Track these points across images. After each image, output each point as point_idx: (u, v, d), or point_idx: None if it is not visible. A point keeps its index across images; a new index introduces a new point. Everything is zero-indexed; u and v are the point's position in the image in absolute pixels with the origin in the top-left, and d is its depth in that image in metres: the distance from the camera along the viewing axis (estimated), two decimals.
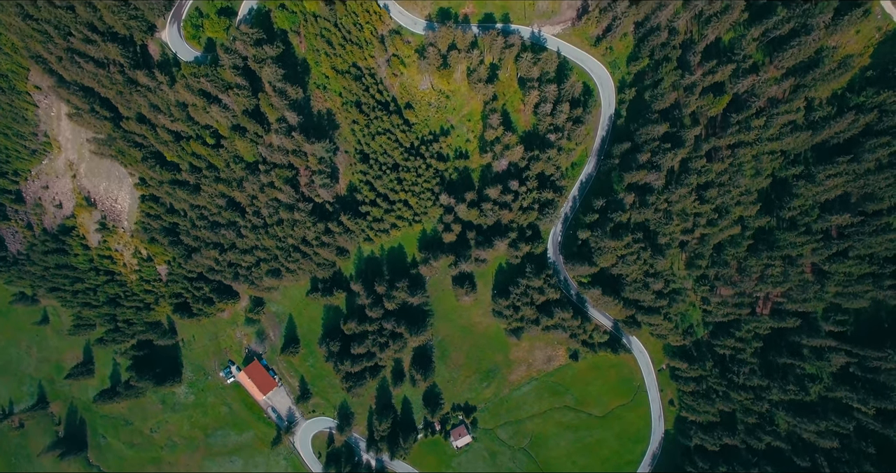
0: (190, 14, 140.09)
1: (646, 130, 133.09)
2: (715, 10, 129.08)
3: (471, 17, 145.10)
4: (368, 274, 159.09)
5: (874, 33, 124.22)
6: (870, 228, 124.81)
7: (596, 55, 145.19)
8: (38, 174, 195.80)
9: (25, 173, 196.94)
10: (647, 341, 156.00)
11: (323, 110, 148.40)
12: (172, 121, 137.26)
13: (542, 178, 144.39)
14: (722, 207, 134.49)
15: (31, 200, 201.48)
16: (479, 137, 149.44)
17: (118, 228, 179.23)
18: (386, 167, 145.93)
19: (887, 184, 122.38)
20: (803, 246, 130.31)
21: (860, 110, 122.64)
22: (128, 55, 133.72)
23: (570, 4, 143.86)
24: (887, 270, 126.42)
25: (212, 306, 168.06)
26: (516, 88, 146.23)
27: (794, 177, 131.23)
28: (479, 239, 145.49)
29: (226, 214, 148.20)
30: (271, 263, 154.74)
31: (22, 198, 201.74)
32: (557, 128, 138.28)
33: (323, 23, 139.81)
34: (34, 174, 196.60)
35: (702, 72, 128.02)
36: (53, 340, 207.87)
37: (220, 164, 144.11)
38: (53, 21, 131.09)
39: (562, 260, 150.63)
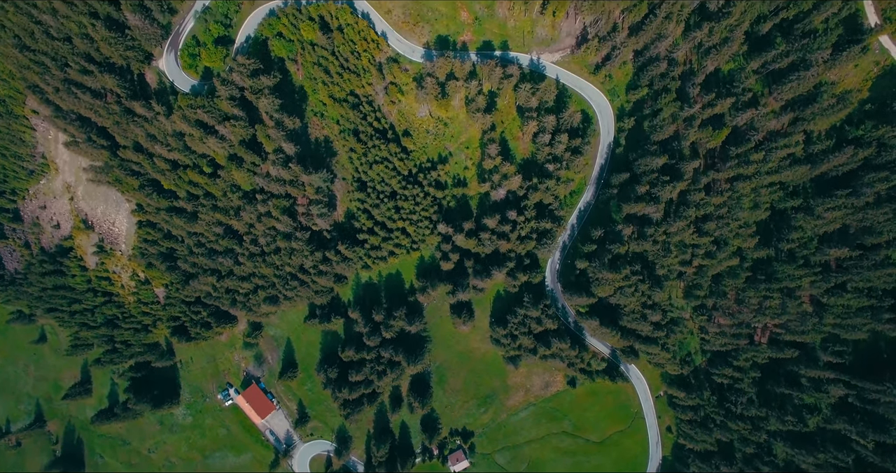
0: (187, 43, 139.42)
1: (644, 161, 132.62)
2: (714, 41, 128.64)
3: (469, 44, 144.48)
4: (366, 301, 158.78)
5: (872, 67, 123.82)
6: (868, 262, 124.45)
7: (595, 83, 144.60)
8: (36, 193, 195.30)
9: (23, 192, 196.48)
10: (645, 368, 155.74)
11: (320, 137, 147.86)
12: (169, 151, 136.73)
13: (541, 207, 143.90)
14: (720, 239, 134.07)
15: (28, 219, 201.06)
16: (477, 165, 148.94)
17: (116, 251, 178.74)
18: (384, 195, 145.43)
19: (886, 219, 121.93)
20: (802, 279, 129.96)
21: (859, 144, 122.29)
22: (125, 85, 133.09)
23: (569, 32, 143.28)
24: (886, 303, 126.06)
25: (209, 330, 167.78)
26: (515, 116, 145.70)
27: (792, 210, 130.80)
28: (477, 267, 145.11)
29: (223, 242, 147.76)
30: (269, 290, 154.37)
31: (20, 216, 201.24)
32: (556, 158, 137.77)
33: (320, 51, 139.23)
34: (32, 193, 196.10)
35: (701, 104, 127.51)
36: (51, 359, 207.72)
37: (218, 193, 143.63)
38: (50, 53, 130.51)
39: (560, 288, 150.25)
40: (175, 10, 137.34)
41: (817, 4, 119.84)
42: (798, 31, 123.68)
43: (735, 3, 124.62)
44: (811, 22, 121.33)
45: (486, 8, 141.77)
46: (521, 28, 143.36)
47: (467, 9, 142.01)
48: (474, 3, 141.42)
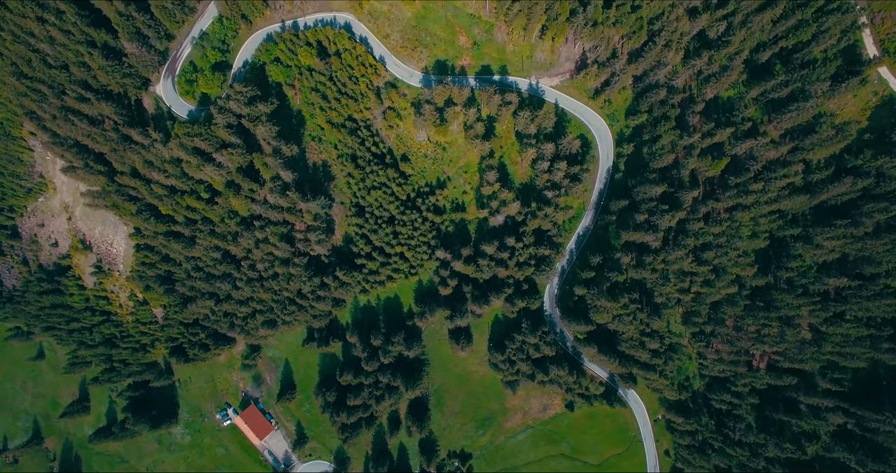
0: (184, 68, 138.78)
1: (643, 189, 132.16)
2: (714, 70, 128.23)
3: (468, 68, 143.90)
4: (364, 324, 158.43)
5: (871, 97, 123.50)
6: (868, 292, 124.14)
7: (594, 107, 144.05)
8: (34, 211, 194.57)
9: (21, 209, 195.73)
10: (643, 392, 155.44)
11: (318, 162, 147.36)
12: (166, 177, 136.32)
13: (539, 233, 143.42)
14: (719, 267, 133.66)
15: (26, 236, 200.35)
16: (475, 189, 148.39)
17: (114, 271, 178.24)
18: (382, 220, 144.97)
19: (885, 249, 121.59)
20: (800, 308, 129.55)
21: (858, 174, 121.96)
22: (122, 112, 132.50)
23: (568, 57, 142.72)
24: (885, 333, 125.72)
25: (207, 352, 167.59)
26: (513, 140, 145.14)
27: (792, 238, 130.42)
28: (476, 293, 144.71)
29: (221, 267, 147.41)
30: (267, 314, 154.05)
31: (18, 233, 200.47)
32: (555, 185, 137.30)
33: (318, 76, 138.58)
34: (30, 210, 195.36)
35: (700, 134, 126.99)
36: (49, 375, 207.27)
37: (215, 218, 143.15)
38: (47, 81, 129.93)
39: (558, 313, 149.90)
40: (172, 36, 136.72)
41: (816, 35, 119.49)
42: (797, 61, 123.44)
43: (734, 32, 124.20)
44: (810, 52, 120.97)
45: (484, 32, 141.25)
46: (520, 52, 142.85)
47: (466, 33, 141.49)
48: (473, 27, 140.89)
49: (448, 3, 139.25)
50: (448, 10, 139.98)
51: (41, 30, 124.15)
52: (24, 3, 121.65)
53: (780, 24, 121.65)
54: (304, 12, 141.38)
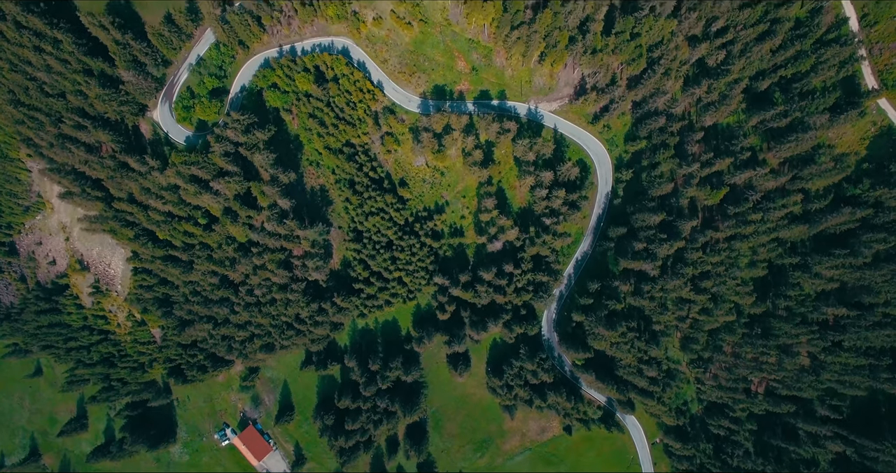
0: (181, 94, 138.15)
1: (642, 217, 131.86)
2: (713, 98, 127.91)
3: (466, 94, 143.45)
4: (363, 347, 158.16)
5: (870, 127, 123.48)
6: (866, 322, 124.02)
7: (593, 132, 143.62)
8: (32, 228, 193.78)
9: (19, 226, 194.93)
10: (641, 415, 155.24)
11: (316, 187, 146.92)
12: (164, 204, 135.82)
13: (538, 259, 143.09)
14: (718, 296, 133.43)
15: (24, 253, 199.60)
16: (473, 213, 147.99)
17: (112, 292, 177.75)
18: (380, 246, 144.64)
19: (884, 280, 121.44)
20: (799, 337, 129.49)
21: (856, 204, 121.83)
22: (119, 139, 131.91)
23: (567, 82, 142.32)
24: (884, 362, 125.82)
25: (205, 373, 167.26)
26: (512, 165, 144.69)
27: (790, 266, 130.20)
28: (474, 318, 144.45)
29: (218, 292, 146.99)
30: (265, 338, 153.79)
31: (15, 250, 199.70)
32: (553, 212, 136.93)
33: (315, 102, 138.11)
34: (28, 228, 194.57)
35: (699, 163, 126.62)
36: (47, 392, 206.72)
37: (213, 244, 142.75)
38: (44, 109, 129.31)
39: (556, 337, 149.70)
40: (169, 62, 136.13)
41: (815, 66, 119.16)
42: (796, 90, 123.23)
43: (734, 62, 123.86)
44: (809, 82, 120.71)
45: (483, 57, 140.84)
46: (518, 77, 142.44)
47: (464, 58, 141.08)
48: (471, 52, 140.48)
49: (446, 28, 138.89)
50: (446, 35, 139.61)
51: (38, 59, 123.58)
52: (22, 33, 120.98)
53: (780, 54, 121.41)
54: (302, 37, 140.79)
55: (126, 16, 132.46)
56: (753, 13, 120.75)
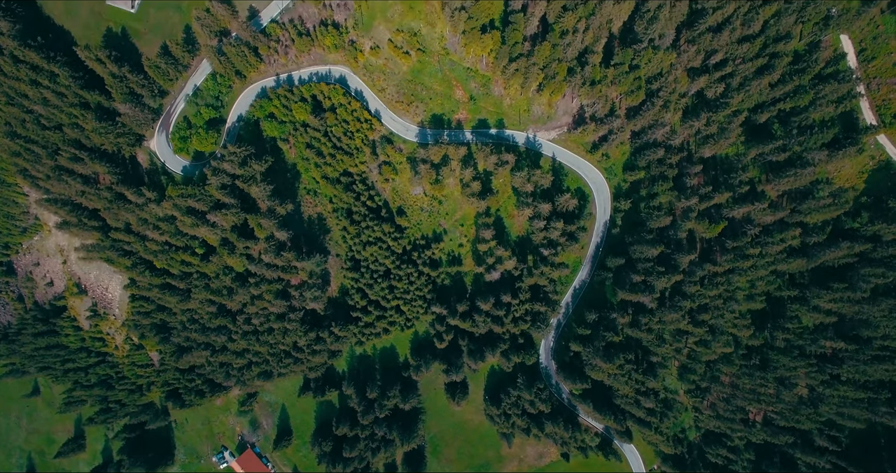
0: (178, 124, 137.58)
1: (640, 248, 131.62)
2: (712, 131, 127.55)
3: (464, 122, 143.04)
4: (361, 373, 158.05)
5: (868, 161, 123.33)
6: (865, 356, 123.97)
7: (592, 161, 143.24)
8: (29, 249, 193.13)
9: (16, 246, 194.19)
10: (639, 442, 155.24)
11: (314, 215, 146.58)
12: (161, 234, 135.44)
13: (535, 289, 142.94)
14: (715, 328, 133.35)
15: (22, 273, 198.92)
16: (472, 241, 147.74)
17: (109, 315, 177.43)
18: (377, 275, 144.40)
19: (882, 315, 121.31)
20: (797, 369, 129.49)
21: (855, 238, 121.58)
22: (115, 171, 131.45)
23: (565, 111, 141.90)
24: (882, 396, 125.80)
25: (203, 398, 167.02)
26: (510, 193, 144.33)
27: (789, 299, 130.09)
28: (472, 347, 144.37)
29: (216, 321, 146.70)
30: (263, 366, 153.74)
31: (13, 270, 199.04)
32: (551, 243, 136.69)
33: (312, 132, 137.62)
34: (25, 248, 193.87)
35: (698, 197, 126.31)
36: (44, 412, 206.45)
37: (210, 273, 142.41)
38: (41, 141, 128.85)
39: (554, 365, 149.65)
40: (166, 92, 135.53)
41: (813, 101, 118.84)
42: (795, 123, 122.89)
43: (732, 96, 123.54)
44: (808, 116, 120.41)
45: (481, 86, 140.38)
46: (517, 106, 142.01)
47: (462, 87, 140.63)
48: (469, 81, 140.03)
49: (444, 57, 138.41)
50: (444, 63, 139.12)
51: (35, 92, 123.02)
52: (19, 67, 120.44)
53: (778, 88, 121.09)
54: (299, 66, 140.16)
55: (123, 47, 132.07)
56: (752, 47, 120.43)
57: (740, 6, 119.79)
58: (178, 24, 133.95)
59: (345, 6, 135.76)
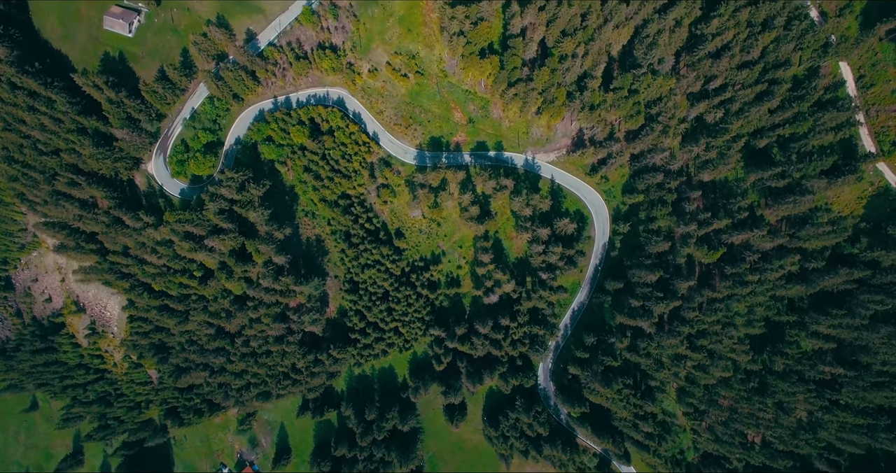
0: (175, 148, 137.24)
1: (639, 273, 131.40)
2: (711, 156, 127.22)
3: (463, 145, 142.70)
4: (359, 393, 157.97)
5: (867, 186, 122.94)
6: (864, 383, 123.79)
7: (591, 183, 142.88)
8: (28, 264, 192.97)
9: (15, 261, 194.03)
10: (638, 463, 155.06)
11: (312, 237, 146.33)
12: (159, 258, 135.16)
13: (534, 311, 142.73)
14: (714, 352, 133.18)
15: (20, 288, 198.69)
16: (470, 263, 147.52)
17: (108, 333, 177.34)
18: (376, 297, 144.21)
19: (881, 342, 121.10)
20: (796, 394, 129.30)
21: (854, 265, 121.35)
22: (113, 195, 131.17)
23: (564, 133, 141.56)
24: (882, 422, 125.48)
25: (202, 417, 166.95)
26: (509, 215, 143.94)
27: (787, 324, 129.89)
28: (470, 369, 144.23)
29: (214, 343, 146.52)
30: (261, 387, 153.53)
31: (11, 285, 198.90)
32: (550, 267, 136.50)
33: (310, 156, 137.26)
34: (24, 263, 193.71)
35: (697, 223, 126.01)
36: (42, 427, 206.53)
37: (209, 296, 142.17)
38: (38, 167, 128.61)
39: (552, 387, 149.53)
40: (163, 115, 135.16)
41: (813, 128, 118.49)
42: (794, 149, 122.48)
43: (731, 122, 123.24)
44: (807, 143, 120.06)
45: (480, 109, 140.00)
46: (516, 128, 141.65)
47: (461, 109, 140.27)
48: (468, 103, 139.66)
49: (443, 79, 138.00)
50: (443, 86, 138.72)
51: (32, 118, 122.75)
52: (16, 93, 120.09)
53: (778, 115, 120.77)
54: (297, 88, 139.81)
55: (120, 71, 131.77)
56: (751, 74, 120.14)
57: (739, 32, 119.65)
58: (176, 48, 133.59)
59: (343, 29, 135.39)
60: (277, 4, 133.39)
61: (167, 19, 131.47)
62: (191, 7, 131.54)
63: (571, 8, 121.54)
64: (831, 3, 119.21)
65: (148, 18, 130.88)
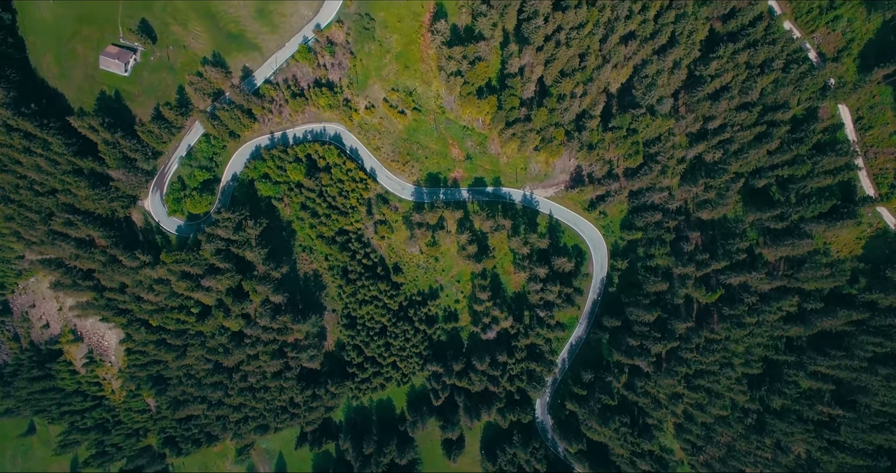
0: (172, 185, 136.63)
1: (637, 312, 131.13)
2: (710, 196, 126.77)
3: (460, 181, 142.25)
4: (358, 424, 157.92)
5: (866, 228, 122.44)
6: (863, 425, 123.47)
7: (589, 218, 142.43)
8: (25, 289, 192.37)
9: (12, 286, 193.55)
10: None
11: (309, 272, 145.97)
12: (156, 296, 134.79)
13: (532, 347, 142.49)
14: (712, 391, 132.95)
15: (17, 312, 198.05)
16: (468, 297, 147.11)
17: (105, 362, 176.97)
18: (373, 332, 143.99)
19: (880, 385, 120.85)
20: (794, 434, 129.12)
21: (852, 306, 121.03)
22: (109, 234, 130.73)
23: (563, 169, 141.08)
24: (882, 464, 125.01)
25: (200, 447, 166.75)
26: (507, 250, 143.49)
27: (786, 364, 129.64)
28: (468, 404, 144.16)
29: (212, 378, 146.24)
30: (259, 420, 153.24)
31: (9, 309, 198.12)
32: (548, 304, 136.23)
33: (307, 193, 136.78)
34: (21, 288, 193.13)
35: (695, 265, 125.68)
36: (40, 451, 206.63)
37: (207, 332, 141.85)
38: (34, 207, 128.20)
39: (550, 421, 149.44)
40: (159, 153, 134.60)
41: (812, 171, 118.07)
42: (793, 191, 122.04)
43: (730, 163, 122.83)
44: (806, 186, 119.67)
45: (477, 145, 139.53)
46: (514, 164, 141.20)
47: (458, 146, 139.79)
48: (466, 140, 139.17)
49: (440, 115, 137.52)
50: (440, 122, 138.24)
51: (28, 159, 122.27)
52: (12, 135, 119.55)
53: (777, 156, 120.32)
54: (294, 124, 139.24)
55: (116, 110, 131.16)
56: (750, 115, 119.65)
57: (738, 74, 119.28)
58: (172, 85, 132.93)
59: (339, 65, 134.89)
60: (274, 41, 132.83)
61: (163, 57, 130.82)
62: (187, 45, 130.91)
63: (570, 49, 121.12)
64: (829, 45, 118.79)
65: (144, 56, 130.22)
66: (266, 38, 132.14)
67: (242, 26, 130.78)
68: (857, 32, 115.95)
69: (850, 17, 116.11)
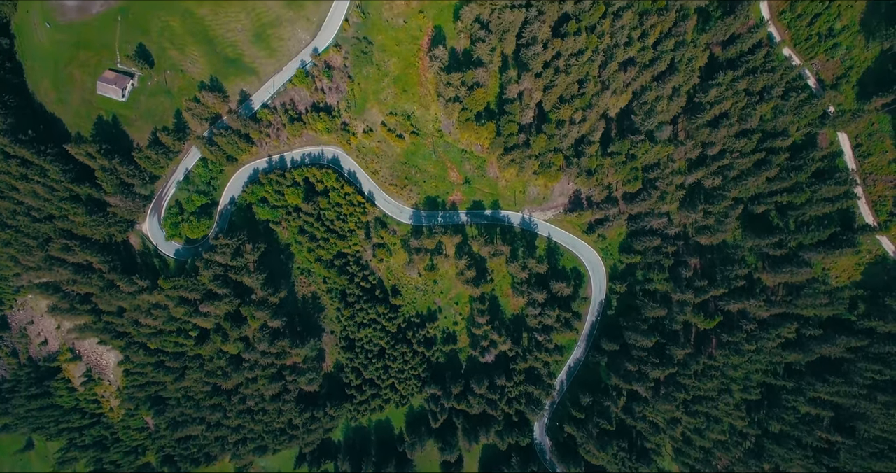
0: (170, 209, 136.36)
1: (635, 337, 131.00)
2: (709, 222, 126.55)
3: (459, 204, 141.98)
4: (356, 444, 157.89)
5: (865, 254, 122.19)
6: (862, 452, 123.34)
7: (588, 241, 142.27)
8: (24, 305, 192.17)
9: (10, 301, 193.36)
10: None
11: (308, 294, 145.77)
12: (154, 320, 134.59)
13: (530, 370, 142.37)
14: (710, 416, 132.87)
15: (16, 328, 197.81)
16: (466, 319, 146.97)
17: (104, 381, 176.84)
18: (372, 354, 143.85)
19: (880, 412, 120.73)
20: (792, 460, 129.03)
21: (851, 333, 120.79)
22: (107, 259, 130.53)
23: (561, 192, 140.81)
24: None
25: (198, 466, 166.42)
26: (506, 273, 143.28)
27: (785, 389, 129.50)
28: (466, 426, 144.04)
29: (211, 401, 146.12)
30: (258, 442, 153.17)
31: (7, 324, 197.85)
32: (546, 328, 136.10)
33: (305, 217, 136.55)
34: (19, 304, 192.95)
35: (693, 292, 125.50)
36: (38, 466, 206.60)
37: (205, 355, 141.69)
38: (32, 233, 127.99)
39: (549, 442, 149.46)
40: (157, 177, 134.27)
41: (811, 198, 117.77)
42: (792, 217, 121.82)
43: (729, 189, 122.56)
44: (805, 213, 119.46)
45: (476, 168, 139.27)
46: (512, 187, 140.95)
47: (457, 169, 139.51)
48: (464, 163, 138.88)
49: (439, 139, 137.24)
50: (438, 145, 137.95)
51: (26, 186, 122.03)
52: (9, 163, 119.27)
53: (776, 183, 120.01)
54: (291, 147, 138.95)
55: (113, 134, 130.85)
56: (749, 143, 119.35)
57: (738, 102, 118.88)
58: (170, 109, 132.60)
59: (337, 89, 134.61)
60: (271, 65, 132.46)
61: (161, 82, 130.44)
62: (184, 69, 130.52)
63: (569, 75, 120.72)
64: (828, 72, 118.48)
65: (141, 81, 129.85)
66: (264, 62, 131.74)
67: (240, 50, 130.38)
68: (855, 60, 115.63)
69: (849, 45, 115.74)
